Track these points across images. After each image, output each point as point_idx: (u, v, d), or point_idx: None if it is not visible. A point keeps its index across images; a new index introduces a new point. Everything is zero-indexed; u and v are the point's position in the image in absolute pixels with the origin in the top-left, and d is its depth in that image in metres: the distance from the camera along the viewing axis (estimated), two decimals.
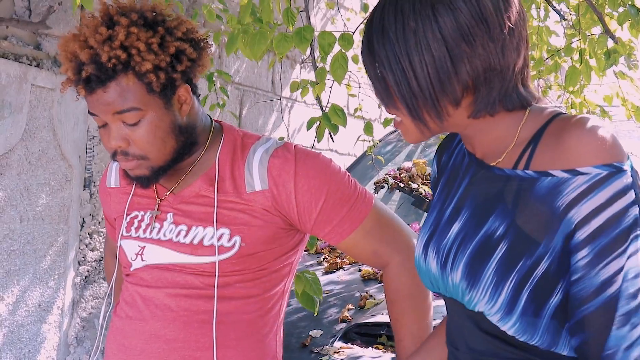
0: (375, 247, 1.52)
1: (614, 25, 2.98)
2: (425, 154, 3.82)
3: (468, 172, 1.17)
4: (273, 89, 4.52)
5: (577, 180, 1.01)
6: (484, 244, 1.08)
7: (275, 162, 1.48)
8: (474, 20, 1.05)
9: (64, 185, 3.21)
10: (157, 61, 1.40)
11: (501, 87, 1.08)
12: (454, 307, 1.14)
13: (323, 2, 4.70)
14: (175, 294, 1.48)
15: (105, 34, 1.40)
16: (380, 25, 1.08)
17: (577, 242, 1.02)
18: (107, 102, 1.41)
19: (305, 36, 2.35)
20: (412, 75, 1.06)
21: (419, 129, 1.10)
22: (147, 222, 1.55)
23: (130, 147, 1.44)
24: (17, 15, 3.07)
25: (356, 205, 1.50)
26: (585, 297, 1.03)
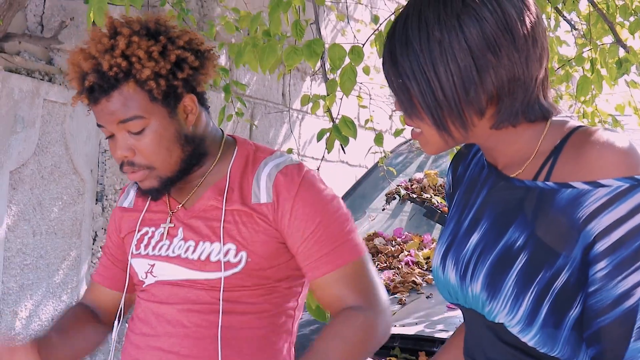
0: (344, 293, 1.45)
1: (625, 34, 2.97)
2: (437, 165, 3.82)
3: (487, 183, 1.17)
4: (284, 101, 4.53)
5: (598, 192, 1.02)
6: (504, 255, 1.08)
7: (281, 178, 1.48)
8: (499, 31, 1.06)
9: (77, 199, 3.22)
10: (157, 68, 1.41)
11: (524, 98, 1.08)
12: (473, 318, 1.13)
13: (333, 14, 4.71)
14: (187, 310, 1.48)
15: (108, 44, 1.42)
16: (403, 36, 1.08)
17: (596, 254, 1.02)
18: (111, 112, 1.42)
19: (315, 50, 2.36)
20: (437, 85, 1.06)
21: (443, 139, 1.10)
22: (157, 238, 1.54)
23: (137, 157, 1.45)
24: (30, 31, 3.10)
25: (341, 249, 1.46)
26: (602, 308, 1.02)
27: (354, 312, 1.43)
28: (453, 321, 2.45)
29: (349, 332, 1.41)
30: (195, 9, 3.83)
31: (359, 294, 1.45)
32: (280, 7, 2.43)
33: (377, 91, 4.93)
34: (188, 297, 1.48)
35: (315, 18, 2.82)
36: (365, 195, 3.75)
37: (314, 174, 1.52)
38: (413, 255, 3.04)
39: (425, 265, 3.00)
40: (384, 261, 3.09)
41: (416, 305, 2.65)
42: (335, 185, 4.32)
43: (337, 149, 2.58)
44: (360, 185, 3.81)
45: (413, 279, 2.80)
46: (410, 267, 2.96)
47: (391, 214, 3.63)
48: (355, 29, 4.82)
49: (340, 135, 2.45)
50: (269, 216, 1.47)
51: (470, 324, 1.16)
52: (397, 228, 3.37)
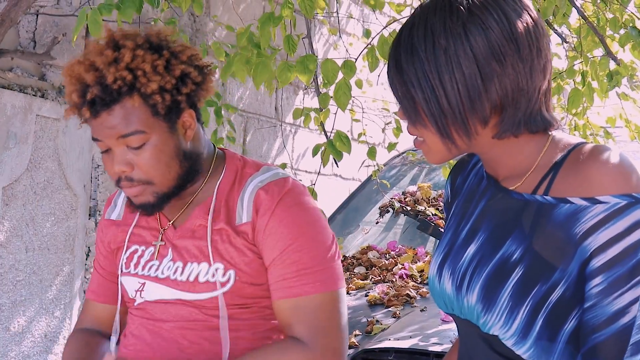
0: (293, 323, 1.41)
1: (616, 47, 2.99)
2: (430, 178, 3.82)
3: (485, 194, 1.17)
4: (277, 115, 4.53)
5: (596, 209, 1.02)
6: (500, 268, 1.08)
7: (261, 194, 1.46)
8: (505, 40, 1.06)
9: (70, 215, 3.21)
10: (162, 82, 1.40)
11: (527, 108, 1.09)
12: (468, 329, 1.13)
13: (325, 28, 4.72)
14: (180, 327, 1.47)
15: (111, 56, 1.40)
16: (409, 43, 1.09)
17: (592, 270, 1.03)
18: (112, 126, 1.40)
19: (308, 66, 2.36)
20: (442, 93, 1.07)
21: (447, 147, 1.11)
22: (147, 257, 1.53)
23: (135, 172, 1.43)
24: (22, 47, 3.10)
25: (306, 278, 1.41)
26: (597, 324, 1.03)
27: (294, 345, 1.39)
28: (447, 334, 2.44)
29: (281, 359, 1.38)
30: (188, 24, 3.84)
31: (309, 330, 1.40)
32: (271, 21, 2.44)
33: (370, 104, 4.94)
34: (181, 314, 1.47)
35: (307, 32, 2.83)
36: (359, 209, 3.75)
37: (299, 191, 1.48)
38: (407, 268, 3.04)
39: (420, 278, 2.99)
40: (377, 274, 3.08)
41: (410, 318, 2.64)
42: (329, 198, 4.34)
43: (331, 162, 2.58)
44: (354, 199, 3.81)
45: (407, 292, 2.79)
46: (404, 280, 2.95)
47: (385, 227, 3.63)
48: (347, 42, 4.83)
49: (334, 150, 2.45)
50: (249, 235, 1.45)
51: (465, 335, 1.16)
52: (390, 241, 3.36)
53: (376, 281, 3.04)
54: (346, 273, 3.17)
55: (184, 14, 2.92)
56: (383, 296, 2.84)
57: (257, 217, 1.45)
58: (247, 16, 4.17)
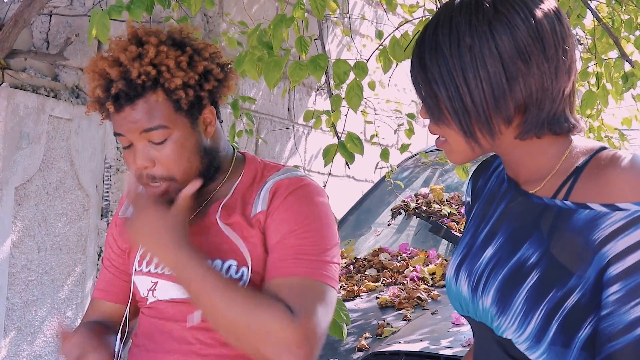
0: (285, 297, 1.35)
1: (631, 48, 2.96)
2: (443, 179, 3.80)
3: (505, 197, 1.16)
4: (289, 116, 4.53)
5: (615, 216, 1.01)
6: (516, 271, 1.07)
7: (278, 185, 1.48)
8: (530, 39, 1.05)
9: (82, 215, 3.22)
10: (186, 78, 1.41)
11: (550, 109, 1.08)
12: (483, 331, 1.12)
13: (338, 29, 4.71)
14: (192, 327, 1.46)
15: (135, 52, 1.41)
16: (433, 41, 1.08)
17: (609, 277, 1.01)
18: (135, 120, 1.41)
19: (319, 64, 2.35)
20: (466, 91, 1.06)
21: (470, 147, 1.10)
22: None
23: (157, 169, 1.43)
24: (35, 47, 3.11)
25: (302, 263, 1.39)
26: (613, 333, 1.01)
27: (283, 308, 1.33)
28: (458, 338, 2.43)
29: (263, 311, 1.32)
30: (201, 24, 3.85)
31: (296, 303, 1.34)
32: (283, 22, 2.43)
33: (383, 106, 4.92)
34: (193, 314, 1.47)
35: (320, 33, 2.82)
36: (371, 210, 3.74)
37: (316, 191, 1.49)
38: (418, 270, 3.02)
39: (431, 281, 2.98)
40: (389, 277, 3.07)
41: (421, 321, 2.63)
42: (342, 200, 4.33)
43: (343, 164, 2.57)
44: (366, 200, 3.79)
45: (418, 294, 2.78)
46: (415, 283, 2.94)
47: (397, 229, 3.62)
48: (361, 44, 4.82)
49: (345, 151, 2.44)
50: (262, 223, 1.46)
51: (480, 338, 1.15)
52: (402, 243, 3.35)
53: (387, 283, 3.03)
54: (357, 275, 3.16)
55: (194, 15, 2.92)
56: (394, 299, 2.82)
57: (270, 204, 1.46)
58: (259, 17, 4.17)
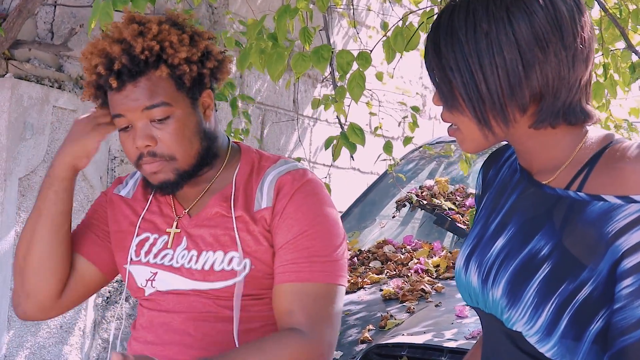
0: (295, 309, 1.40)
1: (638, 39, 2.93)
2: (448, 172, 3.79)
3: (517, 188, 1.14)
4: (295, 108, 4.52)
5: (630, 208, 0.99)
6: (528, 263, 1.06)
7: (283, 180, 1.47)
8: (549, 26, 1.04)
9: (86, 207, 3.22)
10: (189, 54, 1.42)
11: (567, 99, 1.06)
12: (492, 324, 1.11)
13: (344, 20, 4.69)
14: (193, 318, 1.46)
15: (137, 29, 1.42)
16: (449, 27, 1.07)
17: (622, 270, 1.00)
18: (136, 98, 1.41)
19: (323, 55, 2.35)
20: (481, 77, 1.04)
21: (484, 135, 1.08)
22: (160, 246, 1.51)
23: (158, 147, 1.42)
24: (40, 38, 3.11)
25: (314, 266, 1.41)
26: (626, 327, 0.99)
27: (295, 335, 1.38)
28: (462, 330, 2.42)
29: (280, 352, 1.36)
30: (206, 15, 3.84)
31: (310, 318, 1.39)
32: (287, 13, 2.42)
33: (388, 98, 4.90)
34: (194, 306, 1.47)
35: (325, 24, 2.81)
36: (376, 202, 3.73)
37: (318, 184, 1.49)
38: (422, 263, 3.01)
39: (435, 273, 2.97)
40: (393, 269, 3.06)
41: (425, 313, 2.62)
42: (347, 192, 4.31)
43: (348, 156, 2.57)
44: (371, 192, 3.78)
45: (422, 287, 2.76)
46: (419, 275, 2.93)
47: (402, 221, 3.61)
48: (367, 35, 4.80)
49: (347, 142, 2.44)
50: (267, 220, 1.45)
51: (489, 330, 1.14)
52: (407, 235, 3.34)
53: (391, 275, 3.02)
54: (361, 267, 3.15)
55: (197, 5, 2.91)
56: (398, 291, 2.81)
57: (276, 200, 1.45)
58: (265, 8, 4.16)
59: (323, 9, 2.36)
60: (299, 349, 1.38)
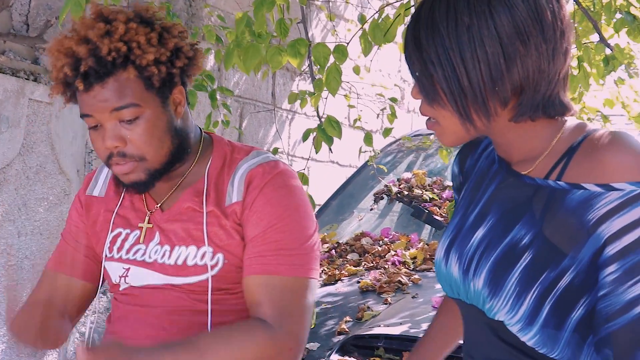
0: (262, 301, 1.39)
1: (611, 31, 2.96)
2: (426, 164, 3.81)
3: (495, 178, 1.15)
4: (273, 101, 4.52)
5: (610, 196, 1.00)
6: (509, 252, 1.07)
7: (253, 173, 1.46)
8: (530, 19, 1.04)
9: (62, 200, 3.21)
10: (157, 54, 1.39)
11: (546, 92, 1.06)
12: (473, 314, 1.12)
13: (323, 13, 4.70)
14: (167, 312, 1.46)
15: (104, 29, 1.38)
16: (430, 20, 1.06)
17: (606, 258, 1.01)
18: (105, 99, 1.38)
19: (299, 50, 2.34)
20: (463, 71, 1.04)
21: (465, 128, 1.08)
22: (132, 241, 1.51)
23: (128, 147, 1.40)
24: (15, 30, 3.08)
25: (282, 259, 1.40)
26: (611, 313, 1.01)
27: (260, 326, 1.37)
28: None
29: (242, 342, 1.36)
30: (184, 7, 3.82)
31: (276, 310, 1.38)
32: (264, 6, 2.42)
33: (367, 90, 4.92)
34: (168, 300, 1.46)
35: (302, 17, 2.81)
36: (354, 195, 3.74)
37: (289, 175, 1.48)
38: (400, 255, 3.03)
39: (412, 265, 2.99)
40: (370, 261, 3.08)
41: (401, 305, 2.64)
42: (325, 185, 4.32)
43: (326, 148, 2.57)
44: (349, 185, 3.80)
45: (399, 278, 2.79)
46: (396, 267, 2.95)
47: (379, 213, 3.62)
48: (345, 28, 4.81)
49: (325, 135, 2.44)
50: (237, 214, 1.44)
51: (470, 321, 1.15)
52: (384, 228, 3.36)
53: (369, 268, 3.04)
54: (339, 259, 3.17)
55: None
56: (375, 283, 2.83)
57: (246, 194, 1.44)
58: (243, 1, 4.15)
59: (304, 2, 2.36)
60: (265, 340, 1.37)
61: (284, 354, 1.39)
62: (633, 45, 2.91)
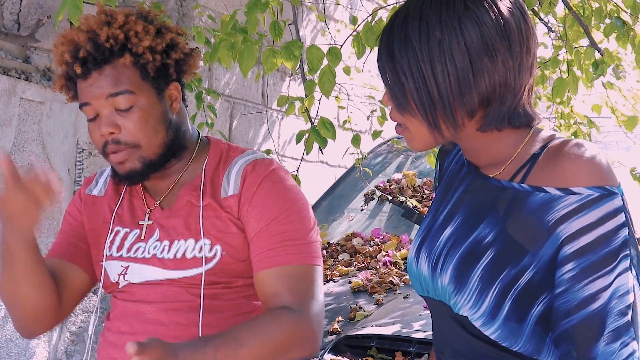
0: (281, 291, 1.43)
1: (601, 36, 3.00)
2: (415, 165, 3.83)
3: (464, 181, 1.20)
4: (263, 101, 4.52)
5: (569, 199, 1.06)
6: (473, 249, 1.12)
7: (249, 169, 1.50)
8: (498, 36, 1.09)
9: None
10: (153, 43, 1.45)
11: (512, 104, 1.12)
12: (441, 310, 1.16)
13: (313, 14, 4.71)
14: (165, 308, 1.48)
15: (105, 19, 1.46)
16: (402, 33, 1.11)
17: (563, 257, 1.06)
18: (101, 85, 1.43)
19: (293, 52, 2.35)
20: (433, 83, 1.09)
21: (434, 137, 1.13)
22: (132, 239, 1.53)
23: (122, 135, 1.44)
24: (6, 29, 3.07)
25: (291, 249, 1.44)
26: (569, 309, 1.06)
27: (285, 312, 1.41)
28: (430, 321, 2.46)
29: (273, 329, 1.39)
30: (175, 8, 3.82)
31: (296, 296, 1.42)
32: (257, 7, 2.43)
33: (357, 91, 4.93)
34: (167, 295, 1.48)
35: (294, 18, 2.82)
36: (344, 196, 3.76)
37: (284, 173, 1.52)
38: (391, 255, 3.05)
39: (403, 265, 3.01)
40: (361, 261, 3.09)
41: (393, 305, 2.66)
42: (315, 185, 4.33)
43: (316, 149, 2.59)
44: (339, 186, 3.81)
45: (390, 279, 2.81)
46: (388, 268, 2.97)
47: (370, 214, 3.64)
48: (335, 29, 4.82)
49: (318, 137, 2.46)
50: (233, 208, 1.47)
51: (438, 317, 1.19)
52: (375, 228, 3.37)
53: (360, 268, 3.06)
54: (330, 260, 3.18)
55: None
56: (366, 283, 2.85)
57: (243, 189, 1.47)
58: (234, 1, 4.15)
59: (297, 2, 2.37)
60: (294, 325, 1.40)
61: (310, 337, 1.42)
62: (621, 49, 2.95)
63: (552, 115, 3.58)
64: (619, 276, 1.05)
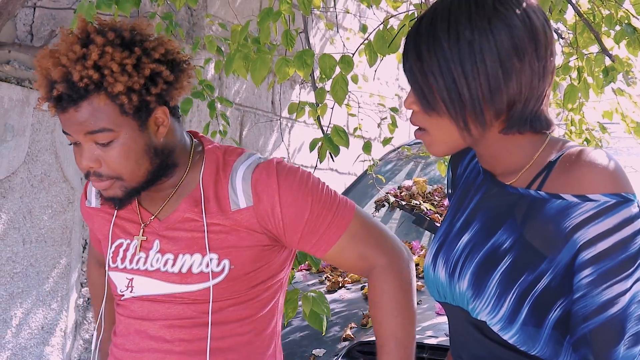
0: (362, 249, 1.49)
1: (611, 43, 3.00)
2: (425, 172, 3.83)
3: (481, 188, 1.22)
4: (273, 109, 4.54)
5: (586, 206, 1.07)
6: (491, 255, 1.13)
7: (258, 177, 1.47)
8: (526, 38, 1.11)
9: (66, 208, 3.23)
10: (130, 83, 1.37)
11: (534, 106, 1.13)
12: (459, 315, 1.18)
13: (322, 22, 4.73)
14: (169, 325, 1.47)
15: (79, 53, 1.37)
16: (431, 33, 1.12)
17: (581, 262, 1.08)
18: (79, 122, 1.39)
19: (306, 61, 2.36)
20: (463, 82, 1.10)
21: (462, 137, 1.14)
22: (132, 251, 1.52)
23: (103, 168, 1.42)
24: (19, 40, 3.10)
25: (339, 212, 1.48)
26: (587, 314, 1.08)
27: (382, 271, 1.49)
28: (442, 327, 2.46)
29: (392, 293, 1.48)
30: (185, 17, 3.85)
31: (375, 246, 1.50)
32: (270, 16, 2.44)
33: (366, 99, 4.95)
34: (169, 312, 1.47)
35: (304, 27, 2.84)
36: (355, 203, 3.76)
37: (284, 162, 1.52)
38: None
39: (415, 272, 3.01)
40: None
41: None
42: None
43: (327, 157, 2.60)
44: (350, 193, 3.82)
45: None
46: None
47: (381, 221, 3.64)
48: (344, 37, 4.84)
49: (331, 144, 2.47)
50: (251, 220, 1.45)
51: (456, 322, 1.21)
52: None
53: None
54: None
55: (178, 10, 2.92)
56: None
57: (261, 199, 1.45)
58: (244, 11, 4.18)
59: (307, 12, 2.39)
60: (396, 273, 1.49)
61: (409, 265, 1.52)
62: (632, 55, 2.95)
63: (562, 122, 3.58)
64: (638, 281, 1.06)
